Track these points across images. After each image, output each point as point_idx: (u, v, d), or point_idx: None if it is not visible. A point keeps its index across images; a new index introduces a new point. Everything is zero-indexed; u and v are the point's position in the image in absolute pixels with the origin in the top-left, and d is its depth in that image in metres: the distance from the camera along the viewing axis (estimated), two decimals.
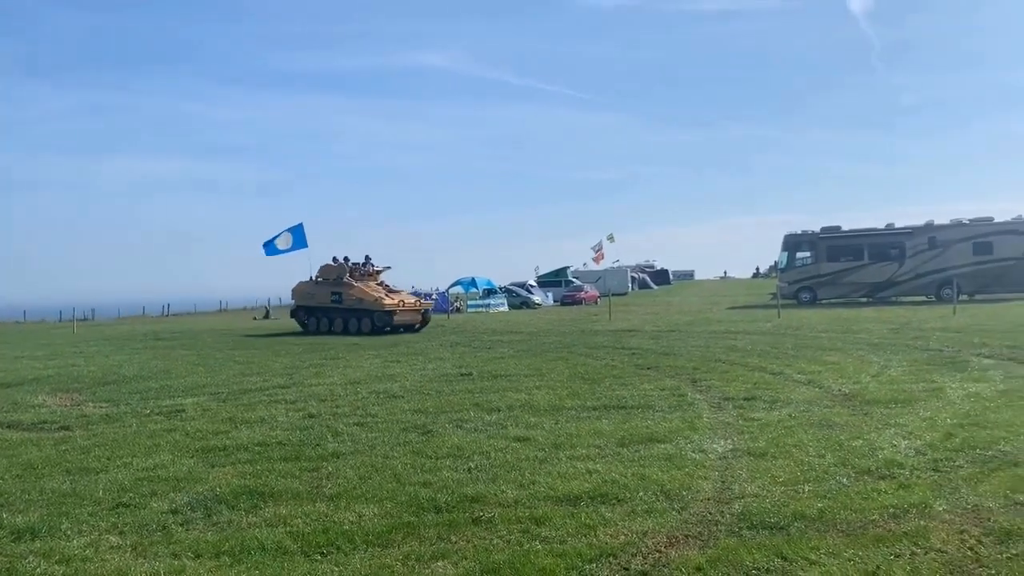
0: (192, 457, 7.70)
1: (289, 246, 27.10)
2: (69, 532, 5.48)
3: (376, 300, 25.46)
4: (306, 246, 27.32)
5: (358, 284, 26.28)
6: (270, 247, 27.27)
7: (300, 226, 27.21)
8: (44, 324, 47.51)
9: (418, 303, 26.88)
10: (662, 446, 7.39)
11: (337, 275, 26.99)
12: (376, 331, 25.21)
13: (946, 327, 19.59)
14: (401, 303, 25.68)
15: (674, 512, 5.44)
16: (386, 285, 27.13)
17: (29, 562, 4.91)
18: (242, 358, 18.23)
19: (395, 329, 25.54)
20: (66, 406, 11.55)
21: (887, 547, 4.65)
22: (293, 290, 28.56)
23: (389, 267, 28.59)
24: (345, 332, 25.79)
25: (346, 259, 27.35)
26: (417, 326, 26.35)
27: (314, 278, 27.71)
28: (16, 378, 15.24)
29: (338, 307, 26.46)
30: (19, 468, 7.46)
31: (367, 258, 27.77)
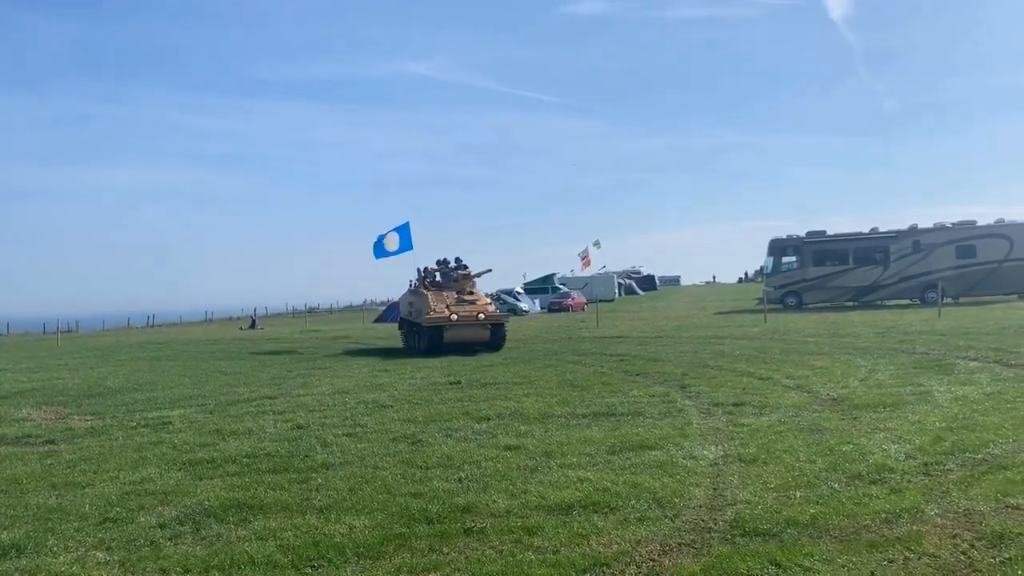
0: (179, 470, 7.62)
1: (397, 247, 22.92)
2: (55, 548, 5.40)
3: (427, 312, 20.16)
4: (411, 248, 22.95)
5: (427, 292, 21.13)
6: (379, 249, 22.99)
7: (406, 225, 22.97)
8: (28, 336, 47.13)
9: (479, 315, 20.22)
10: (653, 453, 7.38)
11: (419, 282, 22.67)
12: (431, 351, 19.86)
13: (931, 330, 19.72)
14: (453, 316, 19.86)
15: (667, 520, 5.42)
16: (464, 294, 21.18)
17: None
18: (229, 369, 18.10)
19: (453, 349, 19.90)
20: (51, 419, 11.41)
21: (880, 552, 4.65)
22: (399, 300, 24.89)
23: (489, 270, 23.25)
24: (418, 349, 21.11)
25: (444, 262, 22.86)
26: (492, 342, 20.36)
27: (413, 285, 23.04)
28: None
29: (410, 319, 22.22)
30: (3, 483, 7.35)
31: (457, 260, 22.79)
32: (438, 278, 22.23)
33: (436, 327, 19.84)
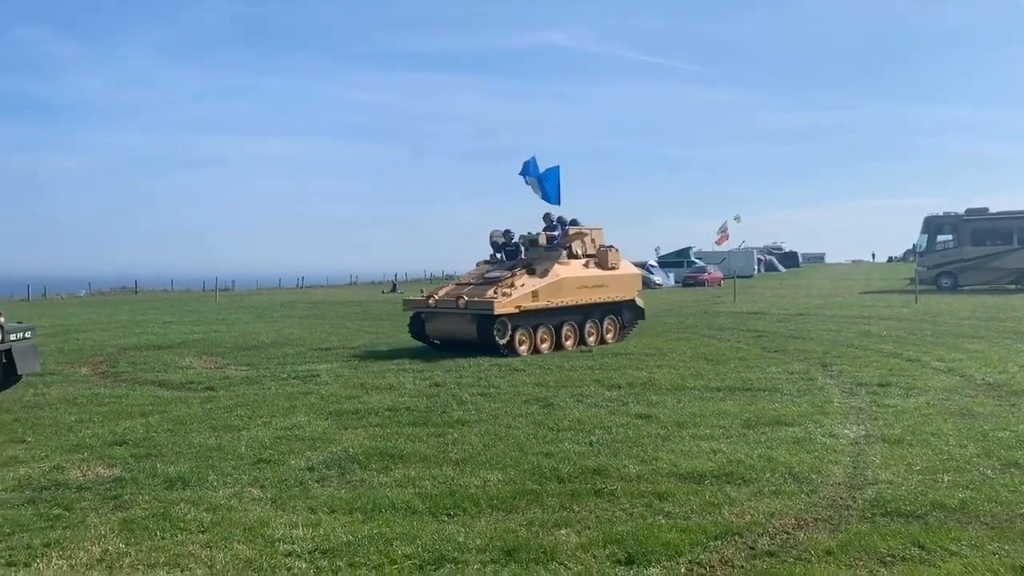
0: (326, 419, 8.07)
1: (539, 194, 16.12)
2: (215, 483, 5.86)
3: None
4: (559, 202, 16.12)
5: (484, 265, 15.50)
6: (531, 167, 16.15)
7: (555, 171, 16.18)
8: (190, 293, 50.45)
9: (460, 300, 13.37)
10: (790, 429, 7.20)
11: None
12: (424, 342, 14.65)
13: None
14: (431, 299, 14.08)
15: (803, 495, 5.30)
16: (525, 266, 14.21)
17: (180, 508, 5.27)
18: (372, 328, 18.90)
19: (437, 344, 14.41)
20: (210, 368, 12.31)
21: None
22: None
23: (574, 222, 16.02)
24: None
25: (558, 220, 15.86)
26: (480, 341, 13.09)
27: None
28: (166, 341, 16.33)
29: None
30: (170, 423, 8.02)
31: (546, 218, 15.84)
32: (521, 246, 15.50)
33: (415, 314, 14.53)
